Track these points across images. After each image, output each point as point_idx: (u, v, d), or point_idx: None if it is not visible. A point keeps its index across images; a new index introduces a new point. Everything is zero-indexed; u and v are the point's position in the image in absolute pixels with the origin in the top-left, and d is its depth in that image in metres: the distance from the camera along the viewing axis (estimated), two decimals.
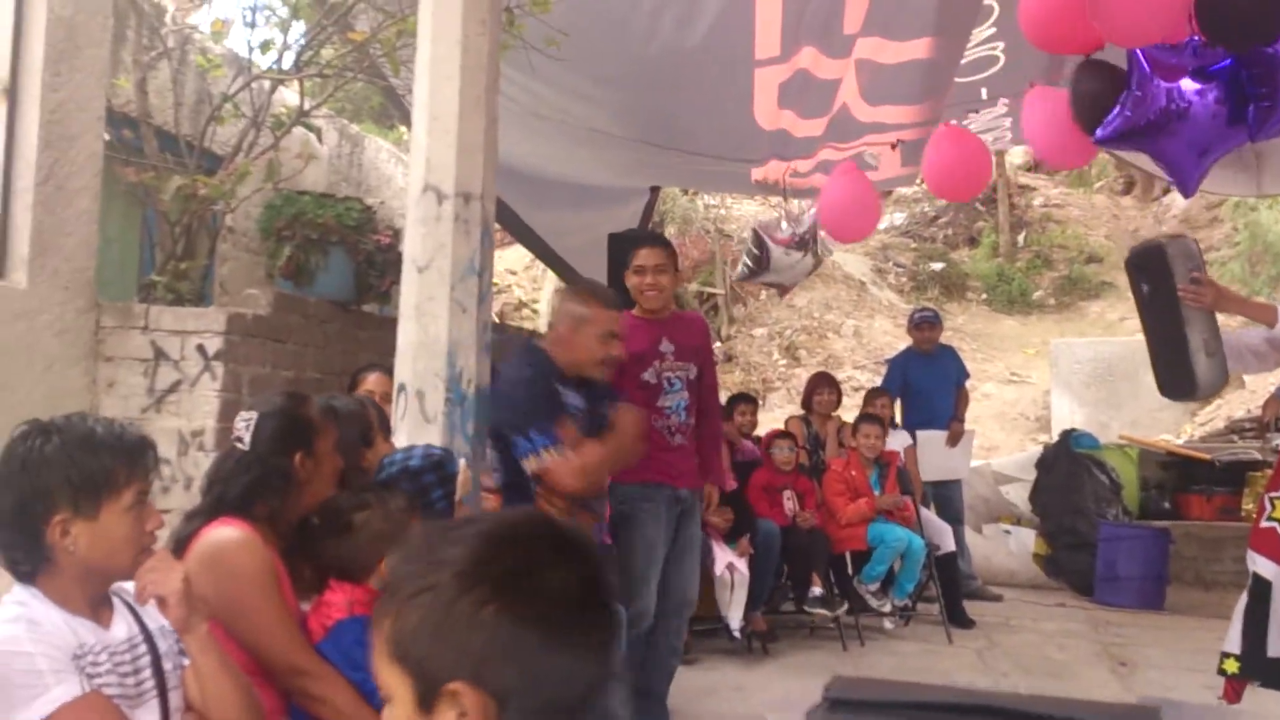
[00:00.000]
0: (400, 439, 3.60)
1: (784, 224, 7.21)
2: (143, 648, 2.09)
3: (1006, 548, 8.81)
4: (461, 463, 3.34)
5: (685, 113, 6.73)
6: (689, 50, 5.80)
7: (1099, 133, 4.10)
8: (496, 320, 11.97)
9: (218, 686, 2.10)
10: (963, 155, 5.95)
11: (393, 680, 1.11)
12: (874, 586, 6.35)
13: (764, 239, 7.80)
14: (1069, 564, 8.28)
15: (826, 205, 6.21)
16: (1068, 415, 12.01)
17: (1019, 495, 9.17)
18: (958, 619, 6.63)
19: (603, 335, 3.65)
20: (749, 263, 7.73)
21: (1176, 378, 3.94)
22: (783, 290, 8.62)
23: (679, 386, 4.52)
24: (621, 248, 8.51)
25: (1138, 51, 3.95)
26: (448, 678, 1.07)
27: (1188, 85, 3.91)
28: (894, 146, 6.07)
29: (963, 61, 5.84)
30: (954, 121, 6.19)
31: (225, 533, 2.47)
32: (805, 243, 7.59)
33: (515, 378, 3.63)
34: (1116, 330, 15.10)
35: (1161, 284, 3.88)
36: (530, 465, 3.45)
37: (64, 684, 1.87)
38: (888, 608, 6.43)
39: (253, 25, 6.02)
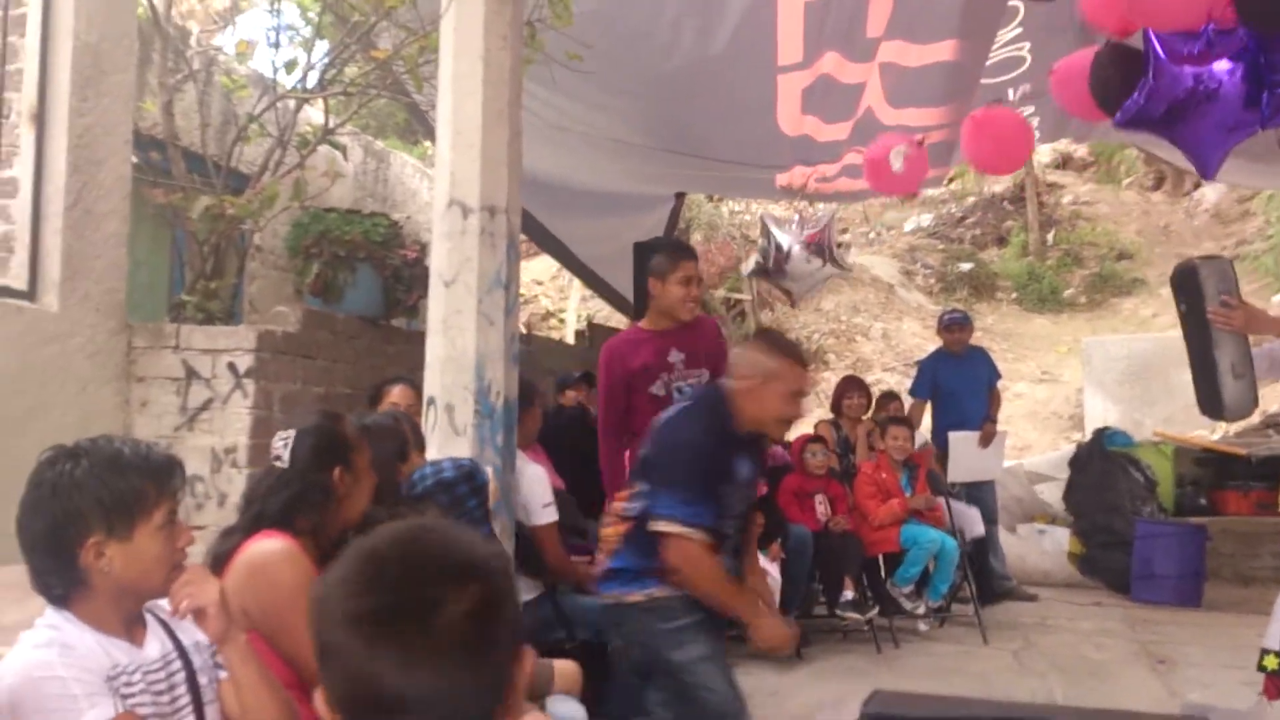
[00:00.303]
0: (431, 452, 3.63)
1: (795, 225, 7.14)
2: (177, 664, 2.09)
3: (1041, 547, 8.73)
4: (489, 472, 3.37)
5: (708, 121, 6.75)
6: (711, 59, 5.81)
7: (1118, 118, 4.06)
8: (524, 331, 12.01)
9: (256, 697, 2.11)
10: (1002, 130, 5.80)
11: None
12: (908, 589, 6.31)
13: (771, 229, 7.72)
14: (1104, 562, 8.20)
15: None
16: (1101, 413, 11.89)
17: (1053, 494, 9.09)
18: (987, 598, 6.72)
19: (791, 394, 3.31)
20: (759, 259, 7.64)
21: (1208, 397, 3.93)
22: (793, 299, 8.54)
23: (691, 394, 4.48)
24: (648, 256, 8.54)
25: (1152, 38, 3.91)
26: None
27: (1220, 66, 3.87)
28: (920, 143, 6.02)
29: (988, 63, 5.82)
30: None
31: (269, 544, 2.50)
32: (823, 250, 7.53)
33: (692, 440, 3.27)
34: (1149, 326, 14.95)
35: (1195, 304, 3.87)
36: (657, 527, 3.16)
37: (97, 707, 1.87)
38: (921, 609, 6.39)
39: (277, 45, 6.11)
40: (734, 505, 3.29)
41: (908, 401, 8.05)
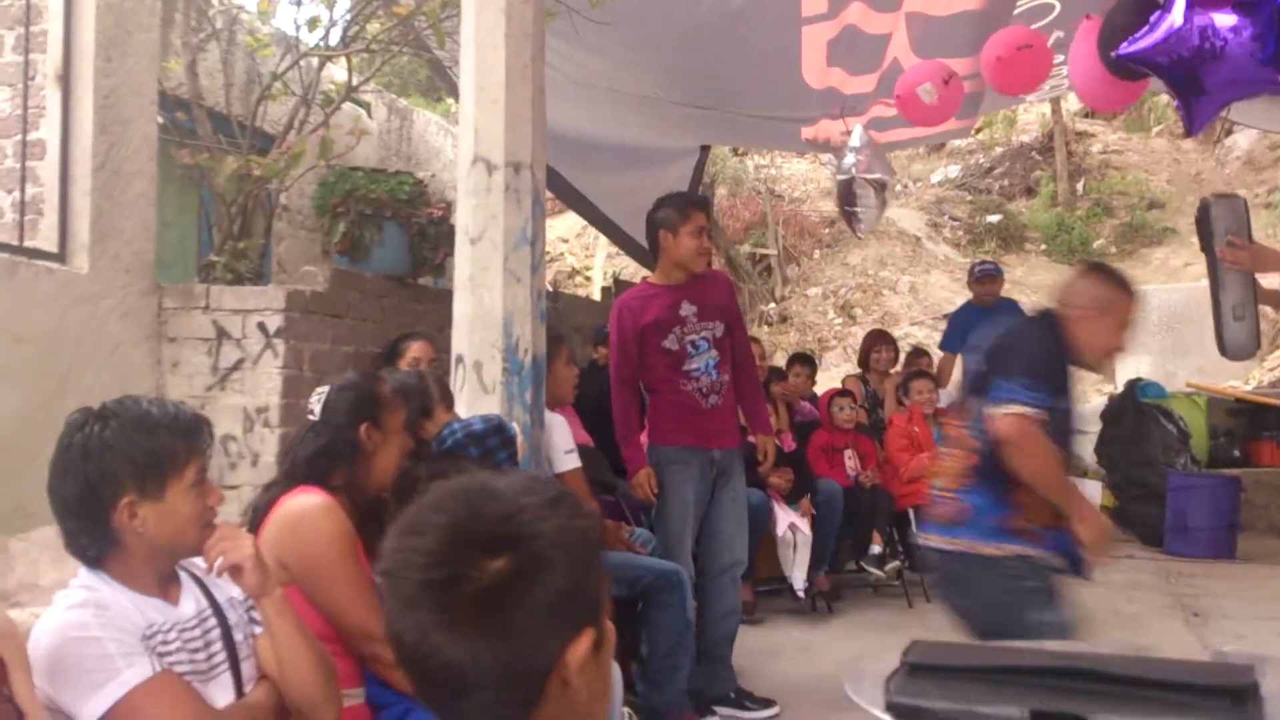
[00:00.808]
0: (460, 410, 3.64)
1: (864, 191, 6.97)
2: (212, 621, 2.11)
3: None
4: (515, 427, 3.38)
5: (732, 74, 6.67)
6: (735, 10, 5.74)
7: (1122, 48, 3.97)
8: (550, 289, 12.00)
9: (293, 650, 2.12)
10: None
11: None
12: None
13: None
14: (1137, 515, 8.17)
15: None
16: (1133, 364, 11.78)
17: (1084, 447, 9.03)
18: None
19: (1123, 324, 3.20)
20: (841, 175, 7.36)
21: (1216, 337, 3.89)
22: (854, 227, 8.23)
23: (705, 347, 4.46)
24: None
25: None
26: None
27: (1223, 21, 3.76)
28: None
29: (1016, 10, 5.71)
30: None
31: (306, 498, 2.54)
32: (881, 184, 7.30)
33: (1040, 340, 3.15)
34: (1181, 277, 14.78)
35: (1207, 243, 3.81)
36: (998, 410, 2.97)
37: (134, 666, 1.88)
38: None
39: (299, 3, 6.05)
40: (1062, 426, 3.10)
41: (937, 356, 8.00)
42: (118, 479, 1.95)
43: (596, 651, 1.19)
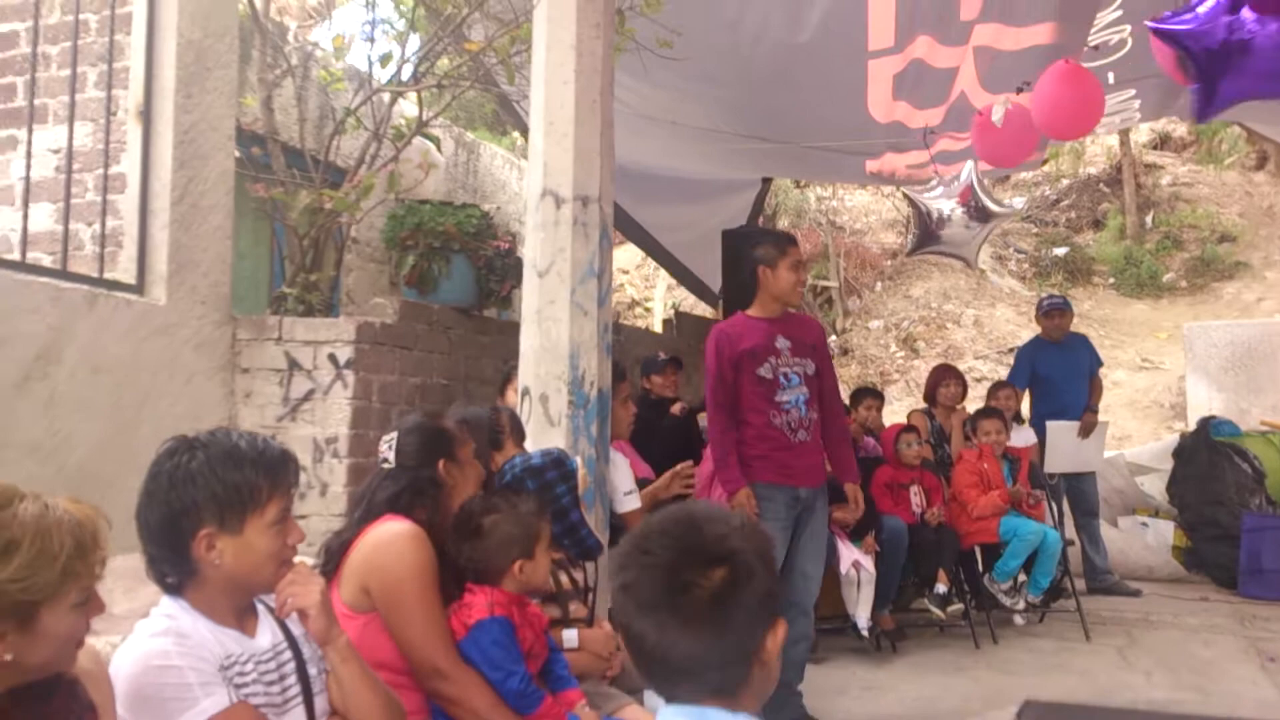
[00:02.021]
0: (526, 443, 3.65)
1: (937, 185, 6.93)
2: (287, 654, 2.12)
3: (1144, 541, 8.50)
4: (578, 460, 3.39)
5: (797, 108, 6.68)
6: (800, 45, 5.75)
7: (1160, 22, 3.90)
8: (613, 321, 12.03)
9: (358, 696, 2.14)
10: (1077, 92, 5.63)
11: None
12: (1006, 585, 6.17)
13: (916, 199, 7.51)
14: (1210, 556, 7.96)
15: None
16: (1205, 402, 11.53)
17: (1155, 486, 8.84)
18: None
19: None
20: (915, 233, 7.41)
21: None
22: (968, 263, 8.25)
23: (797, 381, 4.51)
24: (739, 243, 8.49)
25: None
26: None
27: (1248, 13, 3.68)
28: (1019, 91, 5.84)
29: (1087, 46, 5.67)
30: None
31: (395, 525, 2.56)
32: (977, 206, 7.30)
33: None
34: (1254, 312, 14.46)
35: None
36: None
37: (212, 696, 1.90)
38: (1021, 605, 6.25)
39: (372, 40, 6.16)
40: None
41: None
42: (198, 510, 1.97)
43: None
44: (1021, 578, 6.23)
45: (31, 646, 1.64)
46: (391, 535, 2.54)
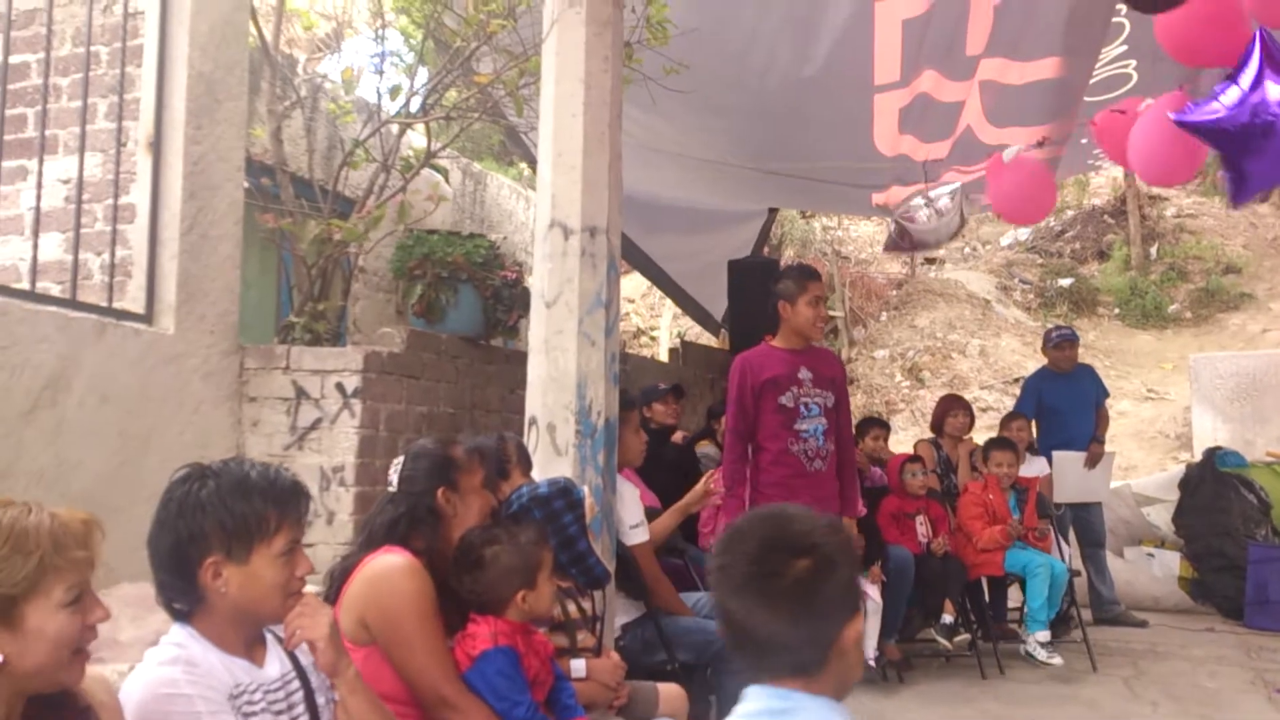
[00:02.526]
0: (533, 473, 3.66)
1: (923, 213, 6.95)
2: (295, 684, 2.13)
3: (1150, 571, 8.48)
4: (585, 490, 3.39)
5: (803, 140, 6.72)
6: (807, 79, 5.80)
7: (1183, 115, 3.90)
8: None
9: None
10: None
11: None
12: (1042, 634, 5.94)
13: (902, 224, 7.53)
14: (1217, 587, 7.94)
15: (998, 191, 6.01)
16: (1210, 432, 11.51)
17: (1161, 517, 8.82)
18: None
19: None
20: (894, 235, 7.39)
21: None
22: (926, 248, 8.22)
23: (817, 412, 4.67)
24: (745, 276, 8.51)
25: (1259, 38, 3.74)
26: None
27: (1275, 93, 3.68)
28: (1040, 143, 5.97)
29: (1092, 80, 5.70)
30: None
31: (390, 557, 2.57)
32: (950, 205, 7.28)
33: None
34: (1259, 343, 14.45)
35: None
36: None
37: None
38: (1058, 660, 5.97)
39: (381, 72, 6.21)
40: None
41: None
42: (205, 538, 1.98)
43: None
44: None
45: (22, 647, 1.66)
46: (385, 569, 2.54)
